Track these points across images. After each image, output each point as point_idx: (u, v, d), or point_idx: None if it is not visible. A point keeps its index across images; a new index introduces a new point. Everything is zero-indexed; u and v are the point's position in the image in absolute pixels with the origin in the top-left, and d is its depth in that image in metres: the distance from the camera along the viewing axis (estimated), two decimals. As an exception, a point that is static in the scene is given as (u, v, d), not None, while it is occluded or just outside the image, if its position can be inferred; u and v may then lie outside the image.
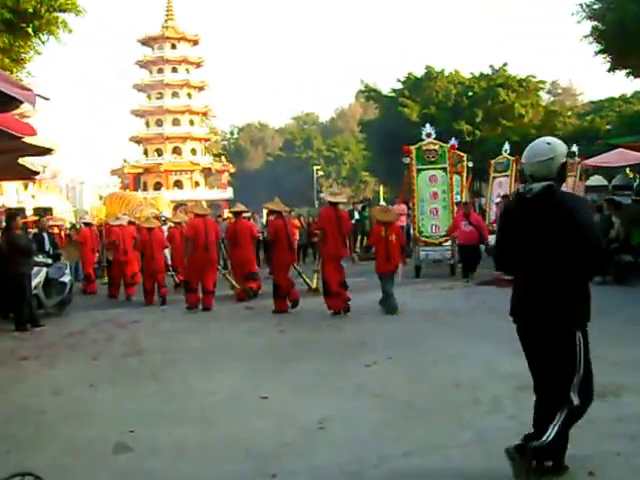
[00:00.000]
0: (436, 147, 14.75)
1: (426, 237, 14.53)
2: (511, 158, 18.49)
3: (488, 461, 3.86)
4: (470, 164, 20.42)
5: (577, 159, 18.95)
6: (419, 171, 14.57)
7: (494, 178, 19.08)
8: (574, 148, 19.33)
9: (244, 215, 12.97)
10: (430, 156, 14.55)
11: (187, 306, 11.16)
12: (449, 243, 14.35)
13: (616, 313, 8.73)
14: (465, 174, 19.41)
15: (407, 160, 16.83)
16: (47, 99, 5.75)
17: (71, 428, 4.90)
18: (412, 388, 5.58)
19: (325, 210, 10.56)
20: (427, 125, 15.01)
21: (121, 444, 4.47)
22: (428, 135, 14.77)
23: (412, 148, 14.60)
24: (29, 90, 5.55)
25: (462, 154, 18.98)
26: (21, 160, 9.76)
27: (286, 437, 4.49)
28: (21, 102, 5.49)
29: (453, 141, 19.20)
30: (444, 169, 14.63)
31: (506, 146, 19.07)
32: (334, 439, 4.41)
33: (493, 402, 5.02)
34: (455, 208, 15.11)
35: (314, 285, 12.24)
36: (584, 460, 3.78)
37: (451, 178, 14.77)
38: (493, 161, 19.24)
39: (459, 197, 17.20)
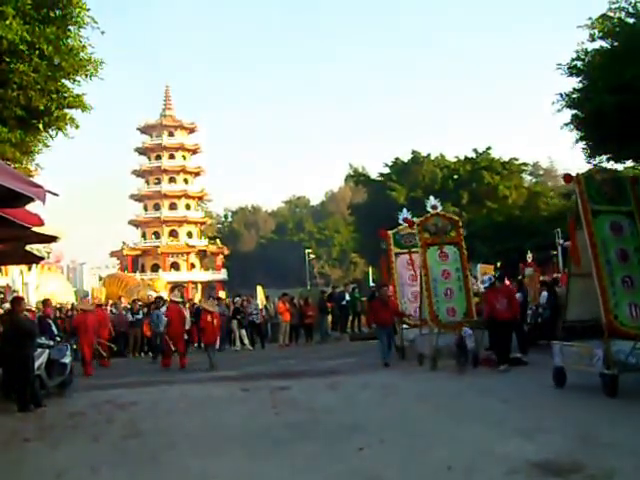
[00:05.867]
0: (612, 176, 9.91)
1: (627, 326, 8.38)
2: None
3: None
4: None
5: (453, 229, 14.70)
6: (595, 214, 8.97)
7: (397, 255, 16.16)
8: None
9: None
10: (608, 191, 9.26)
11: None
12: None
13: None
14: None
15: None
16: (56, 195, 5.93)
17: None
18: (405, 472, 5.62)
19: (173, 306, 17.45)
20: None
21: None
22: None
23: (581, 177, 9.14)
24: (39, 187, 5.76)
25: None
26: (28, 247, 10.11)
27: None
28: (32, 199, 5.76)
29: None
30: (629, 214, 9.22)
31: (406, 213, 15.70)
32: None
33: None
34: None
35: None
36: None
37: None
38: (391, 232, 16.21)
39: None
